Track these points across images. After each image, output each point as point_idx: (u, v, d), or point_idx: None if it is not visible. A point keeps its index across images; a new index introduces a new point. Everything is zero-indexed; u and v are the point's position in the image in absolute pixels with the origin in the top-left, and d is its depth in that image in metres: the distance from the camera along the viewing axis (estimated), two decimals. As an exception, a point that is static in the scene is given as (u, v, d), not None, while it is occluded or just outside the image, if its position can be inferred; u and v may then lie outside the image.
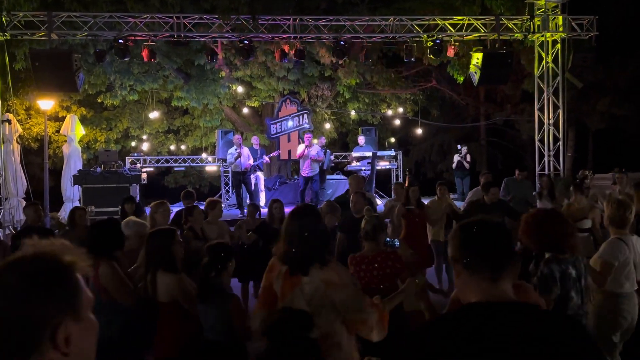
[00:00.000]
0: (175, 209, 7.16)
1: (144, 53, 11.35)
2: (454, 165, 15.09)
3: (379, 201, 12.18)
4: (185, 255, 3.87)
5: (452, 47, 11.90)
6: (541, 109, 12.60)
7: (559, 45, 12.04)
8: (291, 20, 11.56)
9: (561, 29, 11.76)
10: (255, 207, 7.70)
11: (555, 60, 12.16)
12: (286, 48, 11.97)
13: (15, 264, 1.06)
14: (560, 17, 11.74)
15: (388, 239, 3.91)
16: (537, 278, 3.11)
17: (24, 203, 11.55)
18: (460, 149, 15.13)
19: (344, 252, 4.86)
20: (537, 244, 3.22)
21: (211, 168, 18.47)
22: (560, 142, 12.36)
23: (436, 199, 7.82)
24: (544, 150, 12.51)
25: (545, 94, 12.41)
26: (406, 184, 7.86)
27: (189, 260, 3.94)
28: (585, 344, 1.47)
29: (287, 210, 8.18)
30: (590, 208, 6.16)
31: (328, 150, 13.69)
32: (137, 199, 11.54)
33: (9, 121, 11.37)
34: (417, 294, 2.58)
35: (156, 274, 3.55)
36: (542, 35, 12.00)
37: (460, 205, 9.39)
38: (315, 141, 13.52)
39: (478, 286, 1.58)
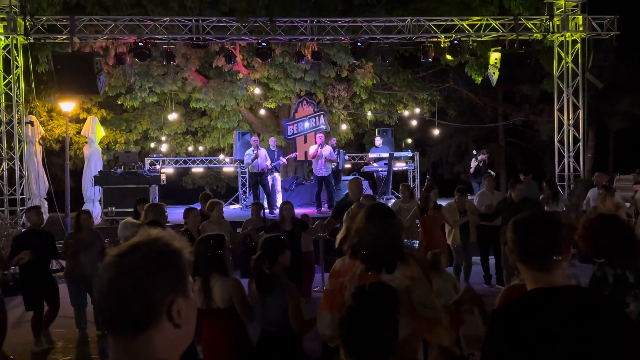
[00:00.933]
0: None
1: (163, 55, 11.52)
2: (471, 170, 14.90)
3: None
4: None
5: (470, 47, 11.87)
6: (561, 110, 12.44)
7: (578, 45, 11.88)
8: (308, 22, 11.60)
9: (581, 28, 11.60)
10: (258, 205, 7.85)
11: (575, 60, 12.00)
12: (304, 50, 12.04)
13: (135, 248, 1.19)
14: (580, 17, 11.59)
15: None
16: (589, 282, 2.91)
17: (46, 203, 11.79)
18: (475, 154, 14.86)
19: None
20: (593, 250, 2.98)
21: (228, 169, 18.60)
22: (580, 143, 12.19)
23: (453, 204, 7.85)
24: (564, 151, 12.36)
25: (564, 95, 12.26)
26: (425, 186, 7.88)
27: None
28: (624, 319, 1.65)
29: (298, 211, 8.31)
30: (617, 209, 6.10)
31: (341, 151, 13.71)
32: (157, 199, 11.70)
33: (32, 123, 11.61)
34: (473, 299, 2.57)
35: (209, 280, 3.52)
36: (562, 35, 11.86)
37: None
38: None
39: (532, 276, 1.82)
